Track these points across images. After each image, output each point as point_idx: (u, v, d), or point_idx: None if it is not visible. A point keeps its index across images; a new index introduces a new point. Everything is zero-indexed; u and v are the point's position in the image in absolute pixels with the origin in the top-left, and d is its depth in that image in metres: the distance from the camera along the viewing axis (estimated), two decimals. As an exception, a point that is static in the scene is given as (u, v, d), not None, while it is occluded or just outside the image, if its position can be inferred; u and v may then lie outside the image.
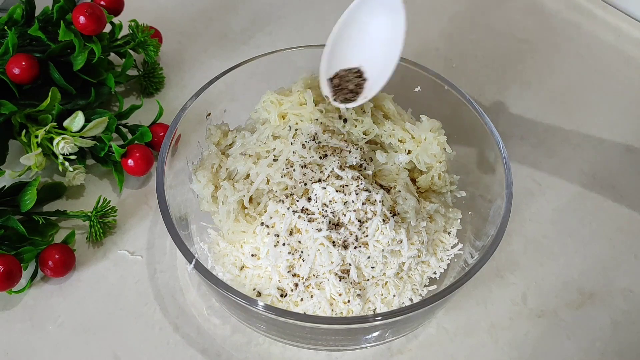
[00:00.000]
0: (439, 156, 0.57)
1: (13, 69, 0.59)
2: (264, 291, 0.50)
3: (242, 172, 0.55)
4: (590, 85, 0.76)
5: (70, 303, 0.55)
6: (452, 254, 0.54)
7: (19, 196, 0.57)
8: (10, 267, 0.52)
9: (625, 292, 0.58)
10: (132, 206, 0.62)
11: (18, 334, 0.53)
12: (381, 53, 0.54)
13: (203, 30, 0.81)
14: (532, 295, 0.57)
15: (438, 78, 0.59)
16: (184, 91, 0.73)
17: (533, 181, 0.66)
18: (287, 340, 0.50)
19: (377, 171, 0.55)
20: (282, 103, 0.57)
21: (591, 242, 0.61)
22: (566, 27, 0.84)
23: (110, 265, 0.58)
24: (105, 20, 0.62)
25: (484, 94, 0.74)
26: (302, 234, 0.50)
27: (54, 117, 0.58)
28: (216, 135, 0.58)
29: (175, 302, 0.55)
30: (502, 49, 0.80)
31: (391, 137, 0.57)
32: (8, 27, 0.63)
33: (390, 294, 0.50)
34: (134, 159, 0.60)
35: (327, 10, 0.84)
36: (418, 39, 0.81)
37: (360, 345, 0.51)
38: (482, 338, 0.54)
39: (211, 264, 0.53)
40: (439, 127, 0.57)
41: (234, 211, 0.53)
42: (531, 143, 0.69)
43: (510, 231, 0.61)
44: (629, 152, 0.69)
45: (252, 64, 0.59)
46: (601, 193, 0.65)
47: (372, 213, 0.50)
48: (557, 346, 0.54)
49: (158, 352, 0.52)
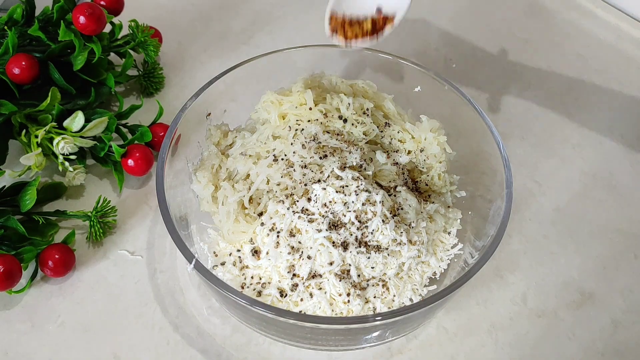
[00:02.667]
0: (439, 156, 0.57)
1: (13, 69, 0.59)
2: (264, 291, 0.50)
3: (242, 172, 0.55)
4: (590, 85, 0.76)
5: (70, 303, 0.55)
6: (452, 254, 0.54)
7: (19, 196, 0.57)
8: (10, 267, 0.52)
9: (625, 292, 0.58)
10: (132, 206, 0.62)
11: (18, 334, 0.53)
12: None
13: (203, 30, 0.81)
14: (532, 295, 0.57)
15: (438, 78, 0.59)
16: (184, 91, 0.73)
17: (533, 181, 0.66)
18: (287, 340, 0.50)
19: (377, 171, 0.55)
20: (282, 103, 0.57)
21: (591, 242, 0.61)
22: (566, 27, 0.84)
23: (110, 265, 0.58)
24: (105, 20, 0.62)
25: (484, 94, 0.74)
26: (302, 235, 0.50)
27: (54, 117, 0.58)
28: (216, 136, 0.58)
29: (175, 302, 0.55)
30: (502, 49, 0.80)
31: (391, 137, 0.57)
32: (8, 27, 0.63)
33: (390, 294, 0.50)
34: (134, 159, 0.60)
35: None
36: (418, 39, 0.81)
37: (360, 345, 0.51)
38: (482, 338, 0.54)
39: (211, 264, 0.53)
40: (439, 127, 0.57)
41: (234, 211, 0.53)
42: (531, 143, 0.69)
43: (510, 231, 0.61)
44: (629, 152, 0.69)
45: (252, 64, 0.59)
46: (601, 193, 0.65)
47: (372, 213, 0.50)
48: (557, 346, 0.54)
49: (158, 352, 0.52)
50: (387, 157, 0.56)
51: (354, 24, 0.54)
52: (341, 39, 0.54)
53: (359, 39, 0.54)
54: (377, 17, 0.53)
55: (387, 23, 0.53)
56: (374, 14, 0.54)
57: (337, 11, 0.54)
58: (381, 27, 0.53)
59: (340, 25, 0.54)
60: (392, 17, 0.53)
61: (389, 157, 0.56)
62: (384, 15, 0.53)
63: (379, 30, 0.53)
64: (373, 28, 0.53)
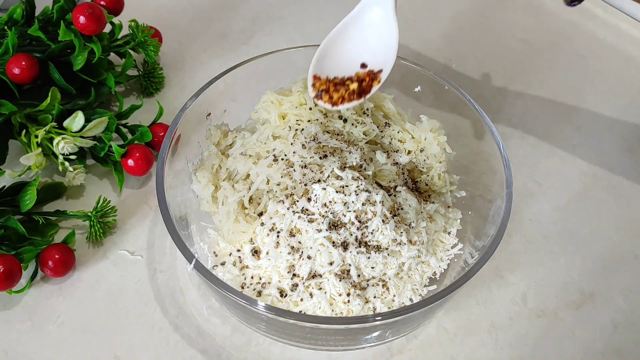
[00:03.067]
0: (439, 156, 0.57)
1: (13, 69, 0.59)
2: (264, 291, 0.50)
3: (242, 172, 0.55)
4: (590, 85, 0.76)
5: (70, 303, 0.55)
6: (452, 254, 0.54)
7: (19, 196, 0.57)
8: (10, 267, 0.52)
9: (625, 292, 0.58)
10: (132, 206, 0.62)
11: (18, 334, 0.53)
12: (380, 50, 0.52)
13: (203, 30, 0.81)
14: (532, 295, 0.57)
15: (438, 78, 0.59)
16: (184, 91, 0.73)
17: (533, 181, 0.66)
18: (287, 340, 0.50)
19: (377, 171, 0.55)
20: (282, 103, 0.57)
21: (591, 242, 0.61)
22: (566, 27, 0.84)
23: (110, 265, 0.58)
24: (105, 20, 0.62)
25: (484, 94, 0.75)
26: (302, 235, 0.50)
27: (54, 117, 0.58)
28: (216, 136, 0.58)
29: (175, 302, 0.55)
30: (502, 49, 0.80)
31: (391, 137, 0.57)
32: (8, 27, 0.63)
33: (390, 294, 0.50)
34: (134, 159, 0.60)
35: (327, 11, 0.84)
36: (418, 39, 0.81)
37: (360, 345, 0.51)
38: (482, 338, 0.54)
39: (211, 264, 0.53)
40: (439, 127, 0.57)
41: (234, 211, 0.53)
42: (531, 143, 0.70)
43: (510, 231, 0.61)
44: (629, 152, 0.69)
45: (252, 64, 0.59)
46: (601, 193, 0.65)
47: (372, 213, 0.50)
48: (557, 346, 0.54)
49: (158, 352, 0.52)
50: (387, 157, 0.56)
51: (339, 85, 0.51)
52: (327, 104, 0.51)
53: (345, 102, 0.50)
54: (362, 74, 0.51)
55: (373, 80, 0.51)
56: (359, 70, 0.52)
57: (320, 74, 0.52)
58: (368, 84, 0.51)
59: (325, 88, 0.51)
60: (378, 73, 0.51)
61: (389, 157, 0.56)
62: (370, 70, 0.51)
63: (365, 89, 0.51)
64: (359, 86, 0.51)
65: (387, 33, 0.51)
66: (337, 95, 0.51)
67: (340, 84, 0.51)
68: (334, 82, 0.51)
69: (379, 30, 0.52)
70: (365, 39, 0.52)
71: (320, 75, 0.52)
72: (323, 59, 0.52)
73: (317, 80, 0.51)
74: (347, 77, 0.52)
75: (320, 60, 0.52)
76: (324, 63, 0.52)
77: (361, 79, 0.51)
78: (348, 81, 0.51)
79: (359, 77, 0.51)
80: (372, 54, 0.52)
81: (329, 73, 0.52)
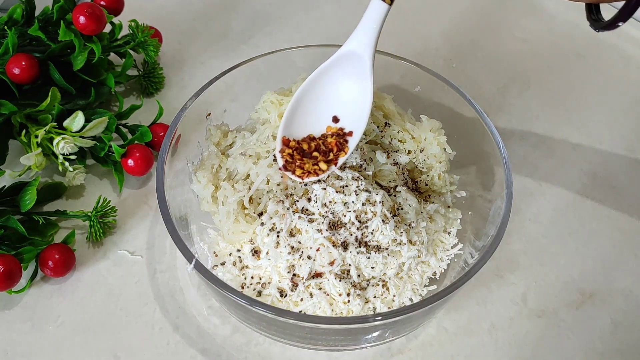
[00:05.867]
0: (439, 156, 0.57)
1: (13, 69, 0.59)
2: (264, 291, 0.50)
3: (242, 172, 0.55)
4: (590, 85, 0.76)
5: (70, 303, 0.55)
6: (452, 254, 0.54)
7: (19, 196, 0.57)
8: (10, 267, 0.52)
9: (625, 292, 0.58)
10: (132, 206, 0.62)
11: (18, 334, 0.53)
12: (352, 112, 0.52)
13: (203, 30, 0.81)
14: (532, 295, 0.57)
15: (438, 78, 0.59)
16: (184, 91, 0.73)
17: (533, 181, 0.66)
18: (287, 340, 0.50)
19: (377, 171, 0.55)
20: (282, 103, 0.57)
21: (591, 242, 0.61)
22: (566, 27, 0.84)
23: (110, 265, 0.58)
24: (105, 20, 0.62)
25: (484, 94, 0.74)
26: (302, 235, 0.50)
27: (54, 117, 0.58)
28: (216, 136, 0.58)
29: (175, 302, 0.55)
30: (502, 49, 0.80)
31: (392, 137, 0.57)
32: (8, 27, 0.63)
33: (390, 294, 0.50)
34: (134, 159, 0.60)
35: (327, 11, 0.84)
36: (418, 39, 0.81)
37: (360, 345, 0.51)
38: (482, 338, 0.54)
39: (211, 264, 0.53)
40: (439, 127, 0.57)
41: (234, 211, 0.53)
42: (531, 143, 0.70)
43: (510, 231, 0.61)
44: (629, 152, 0.69)
45: (252, 64, 0.59)
46: (601, 193, 0.65)
47: (372, 214, 0.50)
48: (557, 346, 0.54)
49: (158, 352, 0.52)
50: (387, 157, 0.56)
51: (307, 154, 0.51)
52: (295, 176, 0.50)
53: (310, 176, 0.50)
54: (334, 129, 0.52)
55: (344, 143, 0.51)
56: (331, 124, 0.52)
57: (289, 136, 0.52)
58: (335, 156, 0.51)
59: (290, 154, 0.51)
60: (348, 135, 0.51)
61: (389, 157, 0.56)
62: (340, 127, 0.52)
63: (336, 156, 0.51)
64: (326, 155, 0.51)
65: (361, 90, 0.51)
66: (309, 165, 0.51)
67: (308, 152, 0.51)
68: (302, 146, 0.52)
69: (353, 86, 0.52)
70: (339, 95, 0.52)
71: (289, 137, 0.52)
72: (292, 117, 0.52)
73: (285, 146, 0.52)
74: (317, 137, 0.52)
75: (289, 119, 0.52)
76: (293, 121, 0.52)
77: (329, 148, 0.51)
78: (318, 141, 0.52)
79: (327, 137, 0.52)
80: (344, 111, 0.53)
81: (300, 132, 0.53)
